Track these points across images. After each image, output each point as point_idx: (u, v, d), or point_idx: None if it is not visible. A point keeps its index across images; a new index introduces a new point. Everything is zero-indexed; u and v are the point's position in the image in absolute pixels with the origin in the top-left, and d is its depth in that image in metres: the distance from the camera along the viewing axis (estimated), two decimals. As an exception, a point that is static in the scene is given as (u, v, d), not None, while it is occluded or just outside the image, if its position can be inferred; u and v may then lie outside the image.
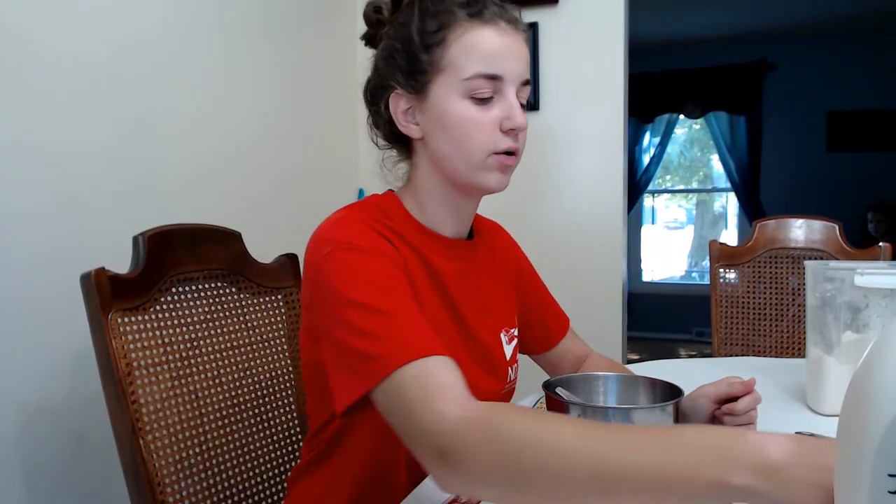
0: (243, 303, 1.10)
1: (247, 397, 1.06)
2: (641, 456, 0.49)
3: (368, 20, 0.86)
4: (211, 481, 0.99)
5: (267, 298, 1.13)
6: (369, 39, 0.88)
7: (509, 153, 0.80)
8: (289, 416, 1.13)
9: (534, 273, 1.05)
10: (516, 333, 0.97)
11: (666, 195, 6.01)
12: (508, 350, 0.93)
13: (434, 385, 0.60)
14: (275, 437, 1.09)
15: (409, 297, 0.71)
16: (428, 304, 0.80)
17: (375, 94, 0.85)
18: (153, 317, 0.95)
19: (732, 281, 1.72)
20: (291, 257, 1.17)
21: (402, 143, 0.87)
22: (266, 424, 1.08)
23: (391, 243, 0.77)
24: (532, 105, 1.99)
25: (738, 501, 0.46)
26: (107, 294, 0.88)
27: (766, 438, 0.46)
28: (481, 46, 0.77)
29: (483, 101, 0.78)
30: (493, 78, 0.77)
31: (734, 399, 0.85)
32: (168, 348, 0.96)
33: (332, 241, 0.74)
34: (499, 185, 0.82)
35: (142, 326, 0.93)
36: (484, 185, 0.81)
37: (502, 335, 0.93)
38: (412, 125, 0.82)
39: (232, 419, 1.03)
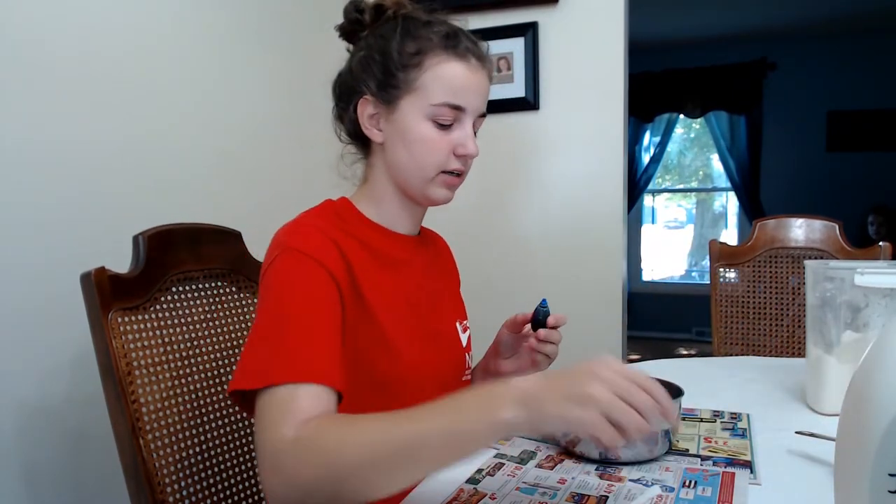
0: (243, 302, 1.10)
1: (247, 397, 1.06)
2: (433, 423, 0.60)
3: (348, 16, 0.93)
4: (211, 481, 0.99)
5: (267, 298, 1.13)
6: (345, 33, 0.96)
7: (457, 174, 0.90)
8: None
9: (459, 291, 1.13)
10: (469, 325, 1.04)
11: (666, 195, 6.01)
12: (464, 338, 1.00)
13: (292, 411, 0.66)
14: (275, 437, 1.09)
15: (329, 317, 0.76)
16: (385, 295, 0.86)
17: (345, 93, 0.92)
18: (153, 316, 0.95)
19: (732, 280, 1.72)
20: (291, 257, 1.17)
21: (361, 143, 0.95)
22: (266, 424, 1.08)
23: (339, 248, 0.81)
24: (532, 105, 1.99)
25: (514, 433, 0.63)
26: (107, 294, 0.88)
27: (524, 379, 0.59)
28: (451, 78, 0.86)
29: (443, 127, 0.87)
30: (456, 108, 0.86)
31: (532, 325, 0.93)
32: (168, 348, 0.96)
33: (282, 245, 0.79)
34: (444, 199, 0.91)
35: (142, 326, 0.93)
36: (430, 198, 0.91)
37: (457, 325, 0.99)
38: (375, 130, 0.90)
39: (232, 419, 1.03)
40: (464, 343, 0.99)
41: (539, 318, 0.90)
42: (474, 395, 0.61)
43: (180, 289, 1.01)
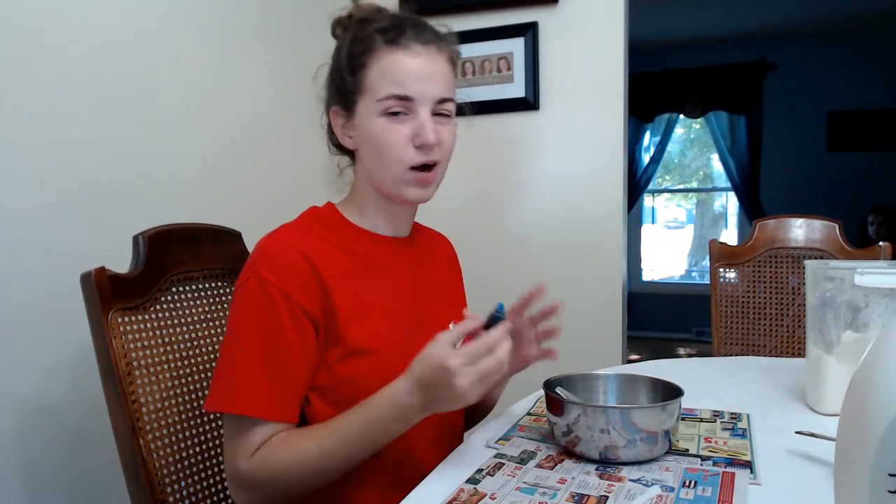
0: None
1: (247, 397, 1.06)
2: (357, 427, 0.78)
3: (333, 34, 0.96)
4: (211, 481, 0.99)
5: (267, 298, 1.13)
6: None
7: (426, 168, 0.88)
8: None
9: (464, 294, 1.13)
10: None
11: (666, 195, 6.01)
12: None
13: (244, 443, 0.79)
14: (275, 437, 1.09)
15: (284, 352, 0.81)
16: (367, 300, 0.88)
17: (325, 107, 0.96)
18: (153, 316, 0.95)
19: (732, 280, 1.72)
20: (291, 257, 1.17)
21: (345, 152, 0.97)
22: (266, 424, 1.08)
23: (313, 266, 0.83)
24: (532, 105, 1.99)
25: (418, 415, 0.76)
26: (107, 294, 0.88)
27: (409, 394, 0.75)
28: (393, 70, 0.85)
29: (395, 116, 0.86)
30: (402, 98, 0.85)
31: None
32: (168, 348, 0.96)
33: (254, 268, 0.82)
34: (419, 198, 0.90)
35: (142, 326, 0.93)
36: (404, 198, 0.90)
37: (452, 326, 0.96)
38: (347, 138, 0.92)
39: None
40: (457, 345, 0.97)
41: (491, 323, 0.79)
42: (388, 414, 0.77)
43: (180, 289, 1.01)
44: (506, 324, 0.77)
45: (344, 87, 0.89)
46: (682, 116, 5.34)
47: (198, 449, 0.98)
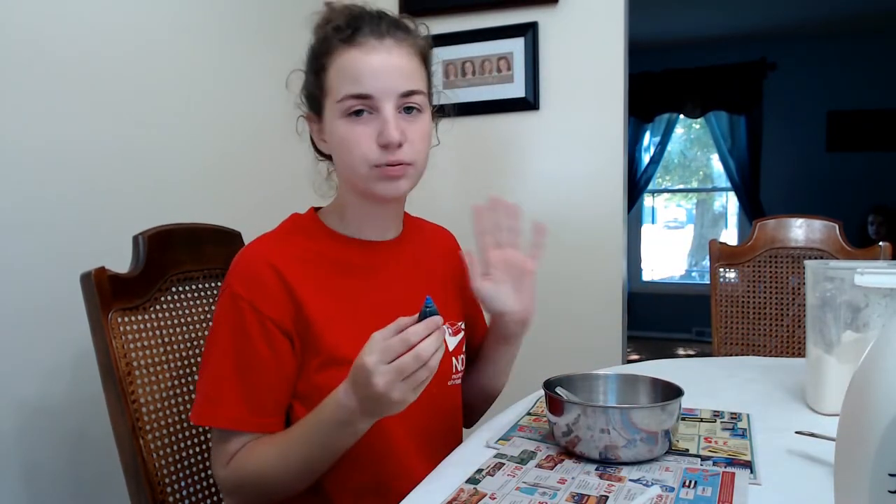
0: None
1: (247, 397, 1.06)
2: (308, 431, 0.79)
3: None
4: (211, 481, 0.99)
5: (267, 298, 1.13)
6: None
7: (392, 164, 0.84)
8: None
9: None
10: (463, 326, 1.01)
11: (666, 195, 6.01)
12: (452, 341, 0.96)
13: (223, 451, 0.83)
14: (275, 437, 1.09)
15: (257, 365, 0.82)
16: (348, 305, 0.87)
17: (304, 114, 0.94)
18: (153, 316, 0.95)
19: (732, 280, 1.72)
20: (291, 257, 1.17)
21: (326, 157, 0.95)
22: (266, 424, 1.08)
23: (283, 280, 0.83)
24: (532, 105, 1.99)
25: (360, 419, 0.74)
26: (107, 294, 0.88)
27: (351, 411, 0.74)
28: (348, 69, 0.83)
29: (358, 116, 0.83)
30: (360, 97, 0.82)
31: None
32: (168, 348, 0.96)
33: (229, 280, 0.84)
34: (391, 192, 0.86)
35: (142, 326, 0.93)
36: (376, 194, 0.86)
37: (446, 326, 0.94)
38: (322, 142, 0.91)
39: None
40: (451, 347, 0.95)
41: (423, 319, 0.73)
42: (332, 417, 0.76)
43: (180, 289, 1.01)
44: (436, 318, 0.71)
45: (310, 92, 0.89)
46: (682, 116, 5.34)
47: (198, 449, 0.98)
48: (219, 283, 1.07)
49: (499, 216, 0.92)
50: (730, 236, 5.59)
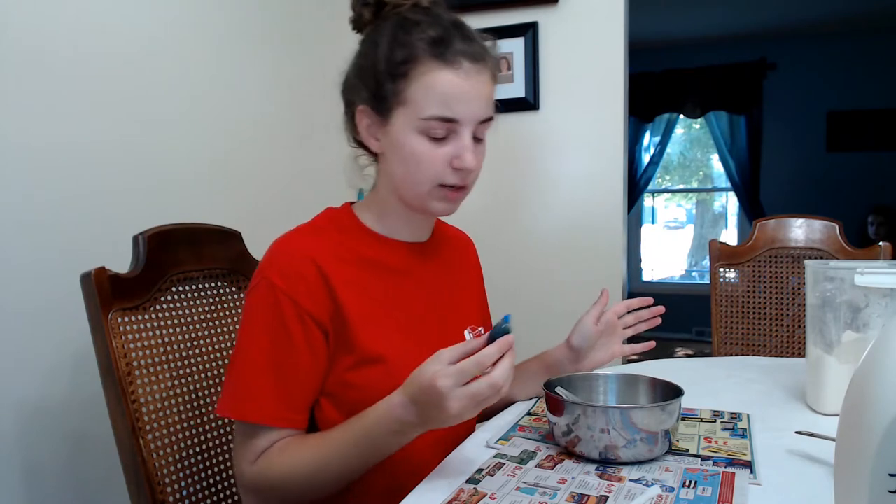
0: (243, 303, 1.10)
1: (247, 397, 1.06)
2: (353, 439, 0.76)
3: (353, 8, 0.90)
4: (211, 481, 0.99)
5: (267, 298, 1.13)
6: (355, 26, 0.91)
7: (457, 188, 0.85)
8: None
9: (484, 293, 1.14)
10: (482, 331, 0.99)
11: (666, 195, 6.01)
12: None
13: (250, 447, 0.80)
14: (275, 437, 1.09)
15: (292, 359, 0.81)
16: (380, 306, 0.87)
17: (348, 100, 0.91)
18: (153, 316, 0.95)
19: (732, 280, 1.72)
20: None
21: (366, 150, 0.92)
22: (266, 424, 1.08)
23: (322, 274, 0.82)
24: (532, 105, 1.99)
25: (415, 430, 0.74)
26: (107, 294, 0.88)
27: (406, 417, 0.73)
28: (440, 89, 0.80)
29: (437, 140, 0.82)
30: (448, 120, 0.81)
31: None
32: (168, 348, 0.96)
33: (265, 272, 0.82)
34: (444, 212, 0.89)
35: (142, 326, 0.93)
36: (428, 211, 0.88)
37: (466, 332, 0.95)
38: (373, 140, 0.88)
39: (231, 419, 1.03)
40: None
41: (495, 337, 0.73)
42: (384, 427, 0.74)
43: (180, 289, 1.01)
44: (507, 338, 0.72)
45: (379, 92, 0.84)
46: (682, 116, 5.34)
47: (198, 449, 0.98)
48: (219, 283, 1.07)
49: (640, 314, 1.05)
50: (730, 236, 5.59)
